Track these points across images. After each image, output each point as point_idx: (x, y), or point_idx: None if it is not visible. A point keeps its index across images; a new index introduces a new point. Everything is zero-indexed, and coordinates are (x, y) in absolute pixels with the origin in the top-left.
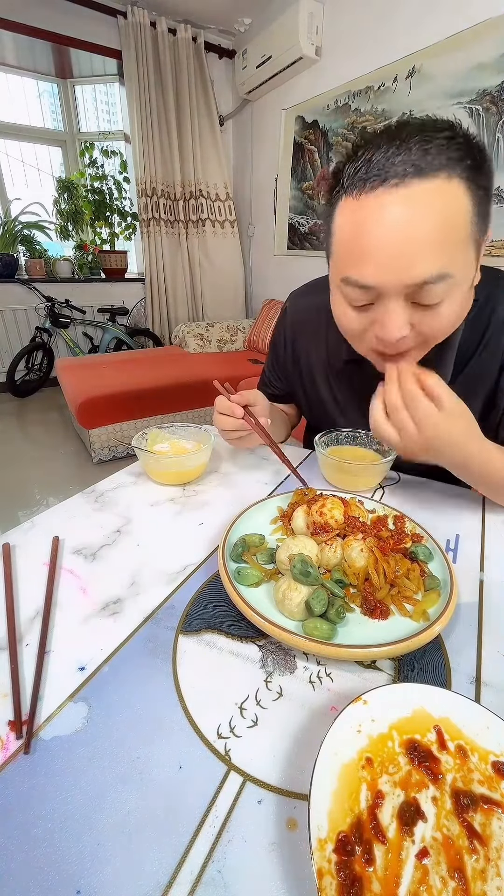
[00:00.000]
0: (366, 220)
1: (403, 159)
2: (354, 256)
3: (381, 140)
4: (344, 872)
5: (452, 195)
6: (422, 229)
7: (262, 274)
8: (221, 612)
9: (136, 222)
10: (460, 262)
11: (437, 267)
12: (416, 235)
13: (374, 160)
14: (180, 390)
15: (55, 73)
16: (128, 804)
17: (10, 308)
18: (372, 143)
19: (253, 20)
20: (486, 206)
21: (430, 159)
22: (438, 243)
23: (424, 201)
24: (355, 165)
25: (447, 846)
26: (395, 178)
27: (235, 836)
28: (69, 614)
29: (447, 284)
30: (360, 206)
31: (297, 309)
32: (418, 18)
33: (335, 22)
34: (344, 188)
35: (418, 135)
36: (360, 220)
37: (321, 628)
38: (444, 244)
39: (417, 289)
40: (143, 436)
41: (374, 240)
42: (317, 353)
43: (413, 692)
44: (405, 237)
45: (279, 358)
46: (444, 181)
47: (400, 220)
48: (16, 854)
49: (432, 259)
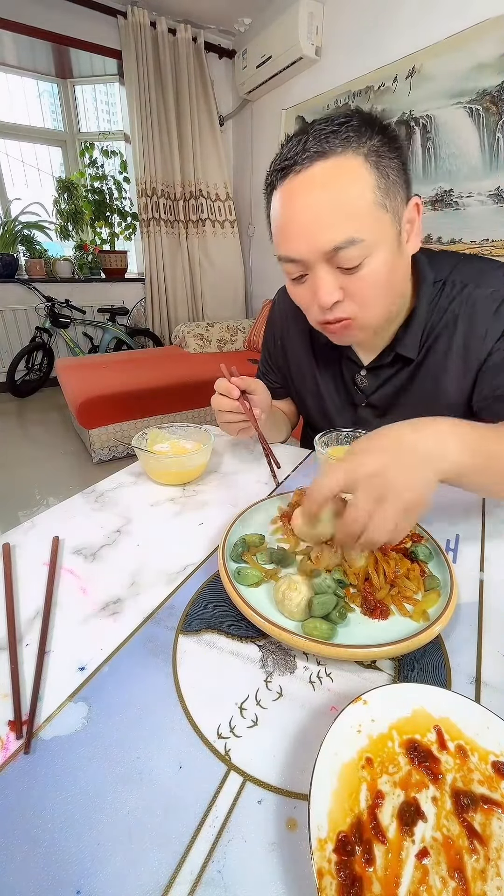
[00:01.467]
0: (284, 203)
1: (307, 147)
2: (280, 235)
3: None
4: (344, 872)
5: (352, 169)
6: (324, 202)
7: (262, 274)
8: (221, 612)
9: (136, 222)
10: (370, 227)
11: (343, 233)
12: (321, 208)
13: (286, 151)
14: (180, 390)
15: (55, 73)
16: (128, 804)
17: (10, 308)
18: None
19: (253, 20)
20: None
21: (328, 145)
22: (342, 212)
23: (325, 178)
24: (275, 161)
25: (447, 846)
26: (300, 164)
27: (235, 836)
28: (69, 614)
29: (360, 248)
30: (279, 194)
31: (284, 299)
32: (418, 18)
33: (335, 22)
34: (270, 186)
35: (321, 125)
36: (280, 205)
37: (321, 628)
38: (348, 212)
39: (333, 254)
40: (143, 436)
41: (289, 218)
42: (301, 342)
43: (413, 692)
44: (311, 211)
45: (271, 350)
46: (345, 158)
47: (306, 198)
48: (16, 854)
49: (338, 226)
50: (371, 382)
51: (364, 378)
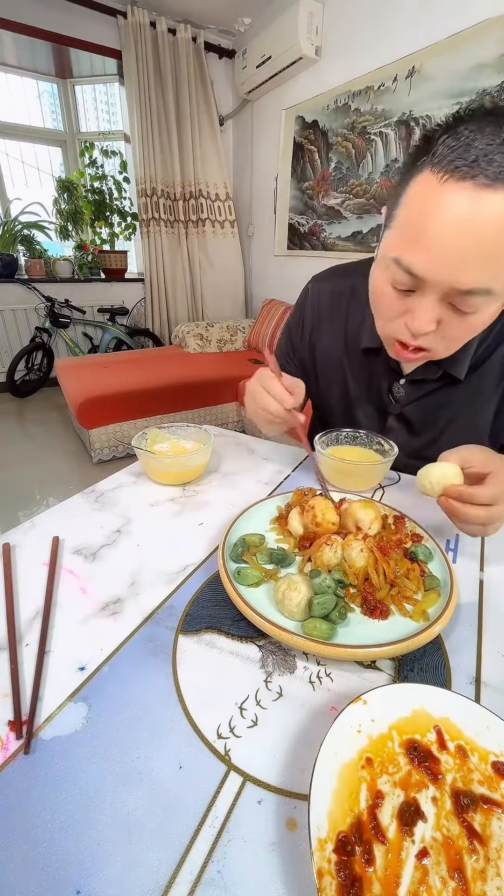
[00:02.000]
0: (440, 206)
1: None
2: (414, 240)
3: (488, 125)
4: (344, 872)
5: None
6: (486, 239)
7: (262, 274)
8: (221, 612)
9: (136, 222)
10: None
11: (486, 280)
12: (480, 243)
13: (474, 145)
14: (180, 390)
15: (55, 73)
16: (128, 804)
17: (10, 308)
18: (478, 124)
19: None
20: None
21: None
22: (495, 257)
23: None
24: (453, 143)
25: (447, 846)
26: (486, 177)
27: (235, 836)
28: (69, 614)
29: (487, 299)
30: (440, 190)
31: (319, 292)
32: (418, 18)
33: (335, 22)
34: (433, 161)
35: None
36: (434, 203)
37: (321, 628)
38: (500, 260)
39: (458, 294)
40: (143, 436)
41: (438, 232)
42: (335, 339)
43: (413, 692)
44: (468, 242)
45: (295, 343)
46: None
47: (471, 223)
48: (16, 854)
49: (484, 271)
50: (408, 393)
51: (402, 388)
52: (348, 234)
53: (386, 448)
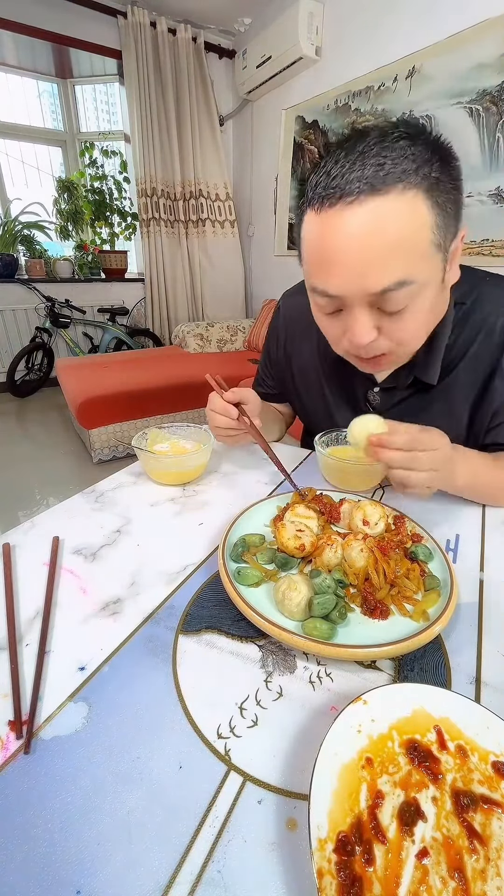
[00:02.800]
0: (326, 234)
1: (358, 175)
2: (318, 267)
3: (342, 150)
4: (344, 872)
5: (408, 208)
6: (377, 242)
7: (262, 274)
8: (221, 612)
9: (136, 222)
10: (422, 268)
11: (395, 276)
12: (373, 248)
13: (333, 174)
14: (180, 390)
15: (55, 73)
16: (128, 804)
17: (10, 308)
18: (333, 155)
19: (253, 20)
20: (454, 209)
21: (383, 175)
22: (395, 254)
23: (380, 217)
24: (317, 179)
25: (447, 846)
26: (349, 195)
27: (235, 836)
28: (69, 614)
29: (409, 291)
30: (321, 221)
31: (290, 308)
32: (418, 18)
33: (335, 22)
34: (308, 200)
35: (375, 146)
36: (321, 233)
37: (321, 628)
38: (402, 254)
39: (379, 296)
40: (143, 436)
41: (334, 253)
42: (308, 351)
43: (413, 692)
44: (362, 250)
45: (272, 357)
46: (399, 195)
47: (356, 235)
48: (16, 854)
49: (390, 269)
50: (384, 401)
51: (377, 395)
52: None
53: None
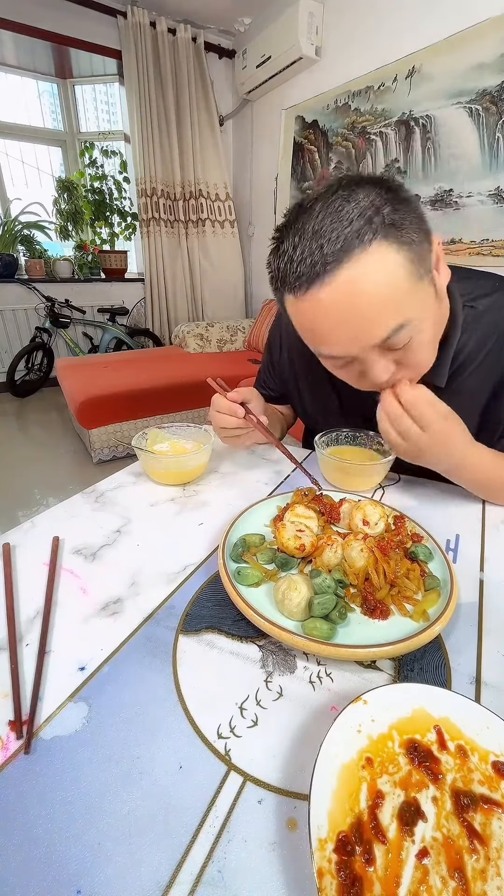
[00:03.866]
0: (311, 315)
1: (320, 256)
2: (317, 341)
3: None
4: (344, 872)
5: (378, 261)
6: (364, 305)
7: (262, 274)
8: (221, 612)
9: (136, 222)
10: (413, 305)
11: (391, 325)
12: (361, 311)
13: (295, 259)
14: (180, 390)
15: (55, 73)
16: (128, 804)
17: (10, 308)
18: (288, 237)
19: (253, 20)
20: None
21: (343, 245)
22: (384, 307)
23: (355, 283)
24: (281, 264)
25: (447, 846)
26: (319, 276)
27: (235, 836)
28: (69, 614)
29: (409, 329)
30: (301, 304)
31: None
32: (418, 18)
33: (335, 22)
34: (281, 286)
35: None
36: (306, 314)
37: (321, 628)
38: (390, 304)
39: (383, 343)
40: (143, 436)
41: (326, 329)
42: (313, 356)
43: (413, 692)
44: (352, 318)
45: (274, 361)
46: (364, 254)
47: (341, 307)
48: (16, 854)
49: (384, 320)
50: None
51: None
52: None
53: (386, 448)
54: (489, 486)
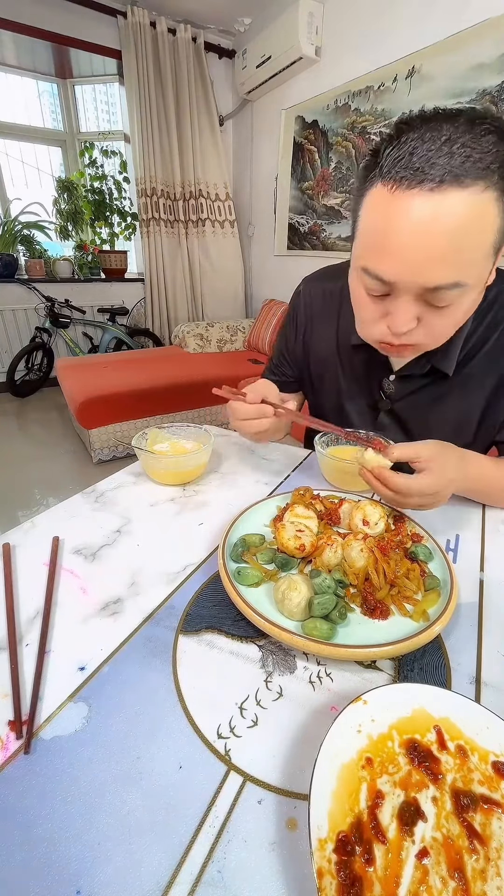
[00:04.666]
0: (395, 216)
1: (445, 162)
2: (378, 250)
3: (427, 130)
4: (344, 872)
5: (484, 208)
6: (446, 238)
7: (262, 274)
8: (221, 612)
9: (136, 222)
10: (476, 271)
11: (453, 276)
12: (440, 243)
13: (417, 153)
14: (180, 390)
15: (55, 73)
16: (128, 804)
17: (10, 308)
18: (417, 131)
19: (253, 20)
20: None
21: (469, 167)
22: (459, 253)
23: (455, 211)
24: (397, 154)
25: (447, 846)
26: (432, 181)
27: (235, 836)
28: (69, 614)
29: (460, 290)
30: (392, 200)
31: (311, 294)
32: (418, 18)
33: (335, 22)
34: (381, 174)
35: (465, 135)
36: (389, 214)
37: (321, 628)
38: (463, 255)
39: (430, 291)
40: (143, 436)
41: (398, 238)
42: (327, 338)
43: (413, 692)
44: (429, 243)
45: (289, 343)
46: (479, 192)
47: (427, 226)
48: (16, 854)
49: (450, 268)
50: (399, 389)
51: (392, 384)
52: (348, 234)
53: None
54: (490, 494)
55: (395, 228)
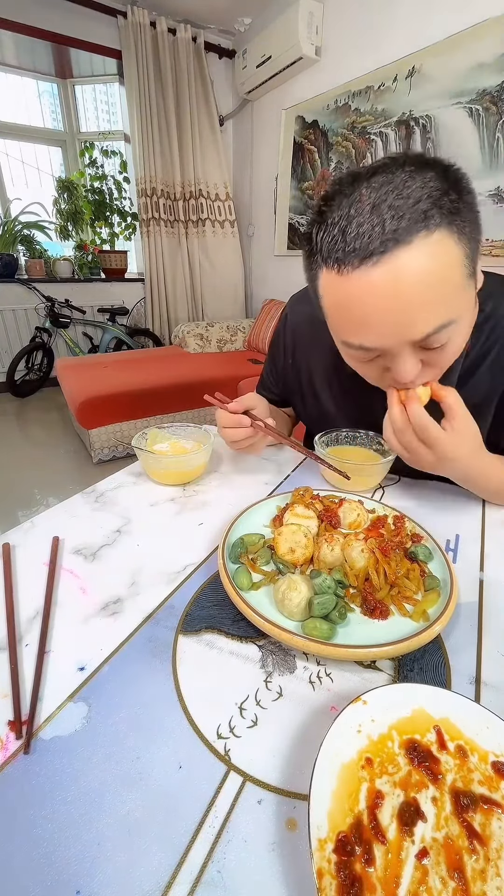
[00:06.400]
0: (355, 295)
1: (379, 233)
2: (351, 326)
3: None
4: (344, 872)
5: (437, 251)
6: (416, 294)
7: (262, 274)
8: (221, 612)
9: (136, 222)
10: (460, 304)
11: (438, 321)
12: (412, 301)
13: (348, 232)
14: (180, 390)
15: (55, 73)
16: (128, 804)
17: (10, 308)
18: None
19: (253, 20)
20: (475, 227)
21: (405, 225)
22: (435, 301)
23: (412, 268)
24: (329, 236)
25: (447, 846)
26: (374, 255)
27: (235, 836)
28: (69, 614)
29: (451, 328)
30: (344, 282)
31: (297, 315)
32: (418, 18)
33: (335, 22)
34: (323, 258)
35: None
36: (348, 294)
37: (321, 628)
38: (441, 299)
39: (422, 340)
40: (143, 436)
41: (368, 313)
42: (320, 362)
43: (413, 692)
44: (399, 305)
45: (277, 366)
46: (425, 240)
47: (391, 292)
48: (16, 854)
49: (432, 315)
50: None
51: None
52: None
53: (386, 448)
54: (492, 492)
55: (359, 307)
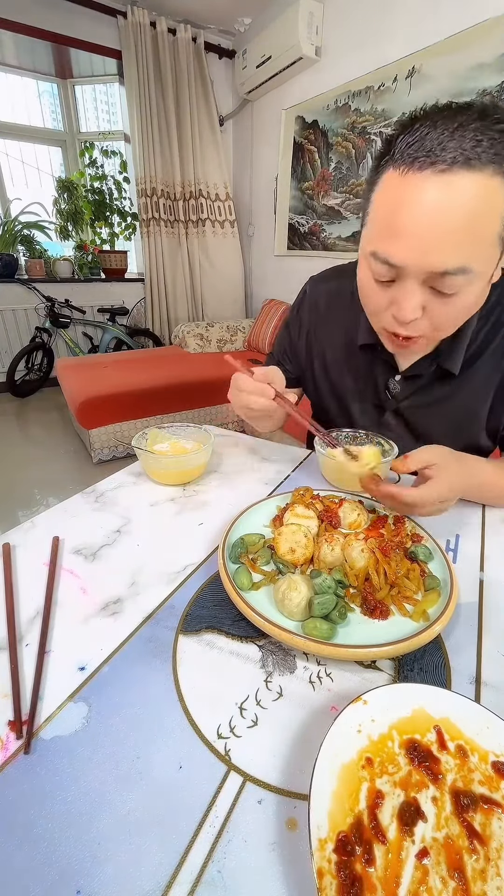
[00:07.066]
0: (405, 198)
1: (456, 146)
2: (387, 232)
3: (440, 118)
4: (344, 872)
5: (493, 192)
6: (454, 220)
7: (262, 274)
8: (221, 612)
9: (136, 222)
10: (483, 258)
11: (460, 260)
12: (448, 225)
13: (429, 138)
14: (180, 390)
15: (55, 73)
16: (128, 804)
17: (10, 308)
18: (430, 119)
19: (253, 20)
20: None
21: (480, 151)
22: (466, 237)
23: (464, 193)
24: (409, 139)
25: (447, 846)
26: (443, 163)
27: (235, 836)
28: (69, 614)
29: (466, 277)
30: (403, 183)
31: (317, 293)
32: (418, 18)
33: (335, 22)
34: (393, 159)
35: (476, 122)
36: (400, 197)
37: (321, 628)
38: (472, 238)
39: (437, 276)
40: (143, 436)
41: (408, 221)
42: (332, 338)
43: (413, 692)
44: (437, 224)
45: (293, 342)
46: (489, 176)
47: (437, 207)
48: (16, 854)
49: (457, 251)
50: (404, 389)
51: (398, 384)
52: (348, 234)
53: (386, 448)
54: (488, 498)
55: (406, 210)
